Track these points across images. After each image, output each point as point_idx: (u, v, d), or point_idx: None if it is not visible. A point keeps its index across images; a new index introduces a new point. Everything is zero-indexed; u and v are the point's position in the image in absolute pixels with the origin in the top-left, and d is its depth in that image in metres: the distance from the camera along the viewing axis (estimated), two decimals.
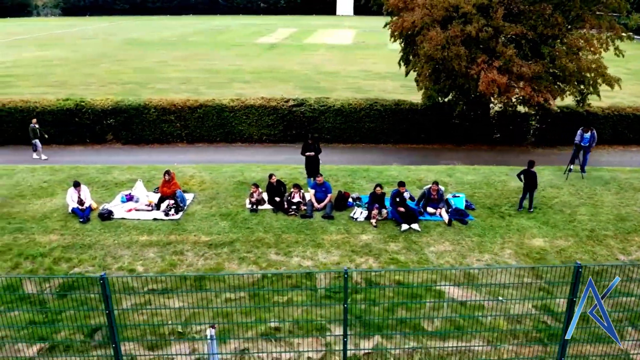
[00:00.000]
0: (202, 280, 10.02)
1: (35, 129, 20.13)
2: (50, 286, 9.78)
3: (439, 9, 18.09)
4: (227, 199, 13.01)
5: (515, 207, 12.92)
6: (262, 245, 10.89)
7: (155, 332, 8.86)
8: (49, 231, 11.31)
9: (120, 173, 14.99)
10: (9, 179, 13.48)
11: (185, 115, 22.21)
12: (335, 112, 22.41)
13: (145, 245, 10.80)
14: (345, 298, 6.70)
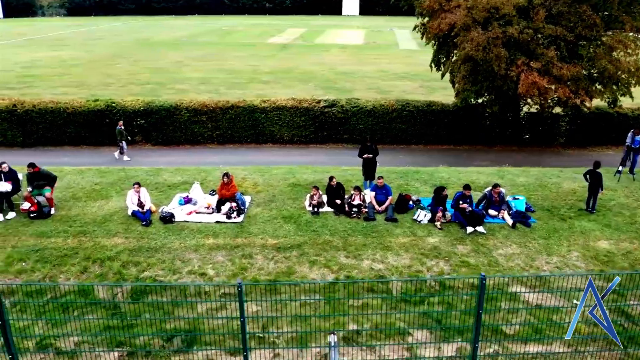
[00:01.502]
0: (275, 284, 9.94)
1: (122, 131, 20.13)
2: (123, 291, 9.69)
3: (480, 10, 18.03)
4: (285, 202, 12.92)
5: (574, 209, 12.85)
6: (330, 249, 10.81)
7: (235, 338, 8.78)
8: (112, 234, 11.20)
9: (170, 175, 14.88)
10: (59, 181, 13.35)
11: (217, 116, 22.13)
12: (367, 113, 22.34)
13: (212, 249, 10.71)
14: (480, 304, 6.63)
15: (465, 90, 19.38)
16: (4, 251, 10.67)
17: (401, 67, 43.27)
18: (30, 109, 21.82)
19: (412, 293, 9.72)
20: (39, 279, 9.93)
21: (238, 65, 43.24)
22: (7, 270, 10.14)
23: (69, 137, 22.24)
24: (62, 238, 11.03)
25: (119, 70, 40.67)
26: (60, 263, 10.26)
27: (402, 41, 62.62)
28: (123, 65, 43.43)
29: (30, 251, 10.63)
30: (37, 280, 9.90)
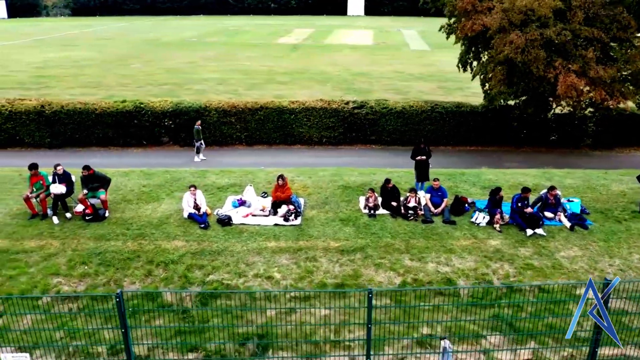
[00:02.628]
0: (340, 286, 9.87)
1: (200, 131, 20.04)
2: (190, 295, 9.61)
3: (516, 12, 17.97)
4: (339, 204, 12.82)
5: (627, 211, 12.80)
6: (393, 251, 10.73)
7: (308, 338, 8.72)
8: (172, 237, 11.08)
9: (217, 177, 14.77)
10: None
11: (246, 117, 22.03)
12: (397, 115, 22.27)
13: (275, 252, 10.61)
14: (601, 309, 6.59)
15: (502, 93, 19.30)
16: (64, 254, 10.56)
17: (415, 68, 43.20)
18: (58, 110, 21.71)
19: (481, 296, 9.65)
20: (103, 283, 9.83)
21: (252, 65, 43.14)
22: (70, 273, 10.03)
23: (96, 138, 22.13)
24: (121, 241, 10.93)
25: (133, 71, 40.55)
26: (124, 266, 10.16)
27: (411, 41, 62.58)
28: (137, 65, 43.30)
29: (91, 254, 10.52)
30: (102, 284, 9.81)
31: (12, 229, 11.44)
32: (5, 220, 11.84)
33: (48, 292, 9.65)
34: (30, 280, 9.87)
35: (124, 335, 6.89)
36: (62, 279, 9.91)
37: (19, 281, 9.85)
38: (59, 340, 8.71)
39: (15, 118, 21.74)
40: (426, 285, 9.92)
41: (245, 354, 8.61)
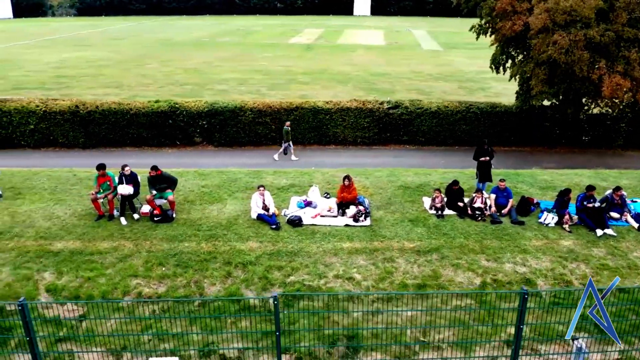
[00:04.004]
0: (422, 287, 9.83)
1: (289, 132, 20.07)
2: (274, 296, 9.54)
3: (560, 13, 17.94)
4: (403, 204, 12.77)
5: None
6: (468, 252, 10.69)
7: (397, 340, 8.69)
8: (245, 238, 11.01)
9: (273, 177, 14.70)
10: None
11: (281, 117, 21.96)
12: (431, 115, 22.23)
13: (351, 253, 10.56)
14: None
15: (543, 93, 19.27)
16: (139, 255, 10.50)
17: (432, 68, 43.15)
18: (93, 110, 21.65)
19: (563, 297, 9.62)
20: (183, 285, 9.77)
21: (270, 66, 43.06)
22: (148, 275, 9.97)
23: (130, 138, 22.07)
24: (194, 242, 10.86)
25: (152, 71, 40.45)
26: (202, 268, 10.10)
27: (423, 42, 62.55)
28: (154, 65, 43.19)
29: (166, 255, 10.46)
30: (182, 286, 9.75)
31: (82, 230, 11.37)
32: (72, 221, 11.76)
33: (128, 293, 9.60)
34: (109, 281, 9.81)
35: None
36: (141, 281, 9.85)
37: (98, 282, 9.79)
38: (147, 342, 8.68)
39: (49, 118, 21.67)
40: (506, 287, 9.89)
41: (336, 356, 8.58)
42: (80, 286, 9.72)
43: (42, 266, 10.21)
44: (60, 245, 10.79)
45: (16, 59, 46.44)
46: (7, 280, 9.90)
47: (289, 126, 20.20)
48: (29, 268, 10.16)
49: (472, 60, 48.87)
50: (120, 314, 9.11)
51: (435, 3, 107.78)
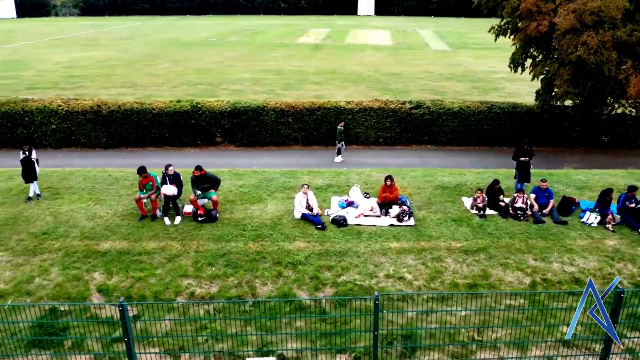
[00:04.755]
0: (473, 287, 9.83)
1: (342, 132, 20.10)
2: (325, 294, 9.55)
3: (588, 13, 17.96)
4: (444, 204, 12.77)
5: None
6: (515, 251, 10.70)
7: (453, 339, 8.68)
8: (291, 238, 10.99)
9: (310, 177, 14.66)
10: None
11: (303, 117, 21.96)
12: (453, 115, 22.23)
13: (399, 252, 10.55)
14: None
15: (568, 93, 19.28)
16: (187, 255, 10.47)
17: (443, 68, 43.14)
18: (115, 110, 21.62)
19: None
20: (234, 285, 9.74)
21: (281, 65, 43.04)
22: (199, 275, 9.95)
23: (152, 138, 22.05)
24: (242, 242, 10.83)
25: (163, 71, 40.41)
26: (252, 268, 10.07)
27: (430, 42, 62.55)
28: (165, 65, 43.15)
29: (215, 255, 10.43)
30: (234, 286, 9.73)
31: (127, 230, 11.34)
32: (116, 221, 11.73)
33: (180, 293, 9.58)
34: (160, 282, 9.78)
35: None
36: (192, 281, 9.83)
37: (149, 283, 9.76)
38: (203, 343, 8.65)
39: (71, 118, 21.64)
40: (556, 287, 9.89)
41: (394, 356, 8.56)
42: (131, 286, 9.70)
43: (90, 266, 10.18)
44: (107, 246, 10.76)
45: (26, 59, 46.40)
46: (57, 280, 9.88)
47: (343, 126, 20.22)
48: (78, 268, 10.14)
49: (481, 60, 48.94)
50: (174, 315, 9.09)
51: (438, 3, 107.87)
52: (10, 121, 21.54)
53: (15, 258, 10.46)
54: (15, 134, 21.73)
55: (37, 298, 9.51)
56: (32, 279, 9.90)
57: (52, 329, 8.84)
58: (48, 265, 10.22)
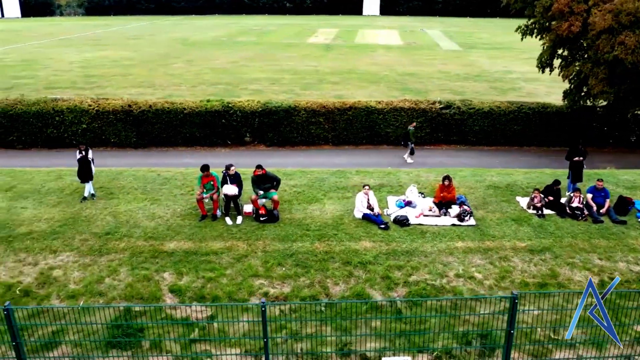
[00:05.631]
0: (543, 286, 9.85)
1: (414, 132, 20.13)
2: (399, 294, 9.56)
3: (625, 14, 18.01)
4: (500, 204, 12.80)
5: None
6: (579, 251, 10.72)
7: (529, 339, 8.69)
8: (356, 238, 10.98)
9: (360, 177, 14.67)
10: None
11: (334, 117, 21.97)
12: (483, 115, 22.26)
13: (466, 252, 10.57)
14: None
15: (604, 92, 19.33)
16: (255, 255, 10.46)
17: (458, 68, 43.17)
18: (146, 110, 21.61)
19: None
20: (307, 285, 9.74)
21: (296, 65, 43.02)
22: (269, 275, 9.94)
23: (182, 138, 22.04)
24: (307, 242, 10.83)
25: (179, 71, 40.36)
26: (322, 268, 10.07)
27: (440, 41, 62.60)
28: (179, 65, 43.10)
29: (283, 255, 10.43)
30: (306, 286, 9.73)
31: (189, 230, 11.33)
32: (176, 221, 11.72)
33: (253, 294, 9.57)
34: (231, 282, 9.78)
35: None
36: (263, 281, 9.82)
37: (221, 283, 9.75)
38: (281, 343, 8.64)
39: (102, 117, 21.62)
40: (625, 285, 9.91)
41: (474, 355, 8.58)
42: (203, 287, 9.69)
43: (159, 266, 10.17)
44: (173, 246, 10.75)
45: (38, 58, 46.29)
46: (127, 280, 9.87)
47: (414, 126, 20.22)
48: (147, 268, 10.12)
49: (494, 60, 48.98)
50: (248, 315, 9.09)
51: (444, 3, 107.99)
52: (40, 121, 21.51)
53: (82, 258, 10.45)
54: (46, 134, 21.73)
55: (109, 298, 9.49)
56: (102, 280, 9.88)
57: (129, 329, 8.83)
58: (116, 266, 10.20)
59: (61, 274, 10.04)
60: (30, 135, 21.73)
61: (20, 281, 9.90)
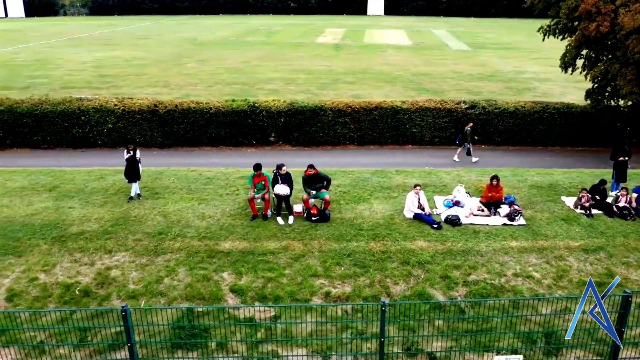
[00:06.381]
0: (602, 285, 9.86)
1: (470, 133, 20.16)
2: (460, 294, 9.57)
3: None
4: (546, 204, 12.82)
5: None
6: (633, 250, 10.76)
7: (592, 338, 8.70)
8: (410, 237, 10.98)
9: (402, 177, 14.69)
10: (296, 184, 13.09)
11: (360, 117, 21.98)
12: (508, 115, 22.28)
13: (521, 251, 10.60)
14: None
15: (633, 93, 19.37)
16: (312, 255, 10.45)
17: (471, 68, 43.22)
18: (172, 109, 21.59)
19: None
20: (367, 284, 9.75)
21: (309, 65, 43.04)
22: (329, 275, 9.93)
23: (208, 138, 22.02)
24: (363, 242, 10.84)
25: (193, 70, 40.35)
26: (380, 267, 10.08)
27: (448, 41, 62.67)
28: (192, 65, 43.09)
29: (340, 255, 10.43)
30: (367, 285, 9.74)
31: (242, 229, 11.32)
32: (227, 221, 11.71)
33: (315, 294, 9.57)
34: (292, 282, 9.78)
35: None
36: (323, 281, 9.82)
37: (282, 283, 9.75)
38: (348, 343, 8.65)
39: (127, 117, 21.60)
40: None
41: (540, 354, 8.59)
42: (263, 287, 9.68)
43: (217, 266, 10.16)
44: (228, 245, 10.74)
45: (49, 58, 46.24)
46: (186, 280, 9.86)
47: (471, 127, 20.24)
48: (205, 268, 10.12)
49: (505, 60, 49.06)
50: (311, 316, 9.08)
51: (448, 3, 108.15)
52: (66, 120, 21.48)
53: (138, 258, 10.44)
54: (71, 134, 21.70)
55: (170, 299, 9.48)
56: (161, 280, 9.88)
57: (193, 330, 8.82)
58: (174, 266, 10.20)
59: (119, 274, 10.03)
60: (56, 134, 21.70)
61: (79, 281, 9.89)
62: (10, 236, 11.17)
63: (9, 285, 9.77)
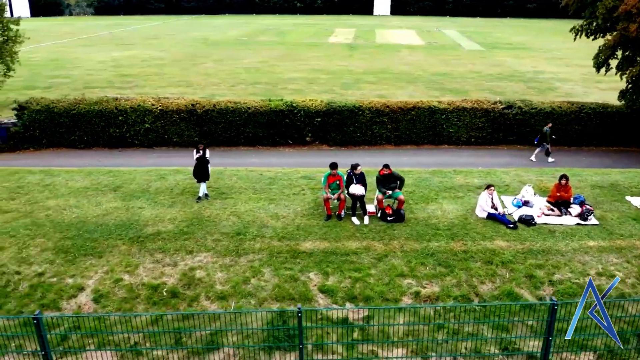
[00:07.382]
0: None
1: (549, 132, 20.14)
2: (547, 293, 9.60)
3: None
4: (613, 203, 12.77)
5: None
6: None
7: None
8: (488, 237, 10.78)
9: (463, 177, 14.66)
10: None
11: (398, 117, 22.01)
12: (546, 115, 22.32)
13: (601, 251, 10.58)
14: None
15: None
16: (394, 255, 10.41)
17: (489, 68, 43.30)
18: (210, 109, 21.59)
19: None
20: (454, 284, 9.76)
21: (328, 65, 43.06)
22: (414, 275, 9.85)
23: (245, 138, 22.03)
24: (443, 241, 10.84)
25: (212, 70, 40.33)
26: (465, 267, 10.06)
27: (461, 41, 62.77)
28: (210, 65, 43.07)
29: (423, 255, 10.38)
30: (454, 285, 9.75)
31: (320, 230, 11.29)
32: (302, 221, 11.69)
33: (405, 294, 9.59)
34: (379, 282, 9.78)
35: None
36: (410, 281, 9.83)
37: (369, 283, 9.75)
38: (442, 343, 8.65)
39: (165, 117, 21.59)
40: None
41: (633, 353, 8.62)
42: (352, 287, 9.69)
43: (302, 267, 10.15)
44: (309, 246, 10.74)
45: (66, 58, 46.15)
46: (273, 281, 9.85)
47: (550, 127, 20.25)
48: (290, 269, 10.11)
49: (520, 60, 49.16)
50: (402, 315, 9.10)
51: (454, 3, 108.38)
52: (103, 120, 21.46)
53: (221, 259, 10.43)
54: (108, 133, 21.69)
55: (260, 300, 9.48)
56: (248, 280, 9.87)
57: (288, 331, 8.82)
58: (258, 266, 10.18)
59: (204, 274, 10.02)
60: (93, 134, 21.68)
61: (165, 282, 9.88)
62: (86, 237, 11.15)
63: (94, 287, 9.75)
